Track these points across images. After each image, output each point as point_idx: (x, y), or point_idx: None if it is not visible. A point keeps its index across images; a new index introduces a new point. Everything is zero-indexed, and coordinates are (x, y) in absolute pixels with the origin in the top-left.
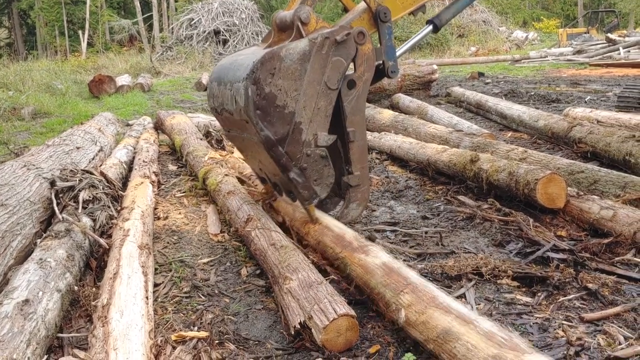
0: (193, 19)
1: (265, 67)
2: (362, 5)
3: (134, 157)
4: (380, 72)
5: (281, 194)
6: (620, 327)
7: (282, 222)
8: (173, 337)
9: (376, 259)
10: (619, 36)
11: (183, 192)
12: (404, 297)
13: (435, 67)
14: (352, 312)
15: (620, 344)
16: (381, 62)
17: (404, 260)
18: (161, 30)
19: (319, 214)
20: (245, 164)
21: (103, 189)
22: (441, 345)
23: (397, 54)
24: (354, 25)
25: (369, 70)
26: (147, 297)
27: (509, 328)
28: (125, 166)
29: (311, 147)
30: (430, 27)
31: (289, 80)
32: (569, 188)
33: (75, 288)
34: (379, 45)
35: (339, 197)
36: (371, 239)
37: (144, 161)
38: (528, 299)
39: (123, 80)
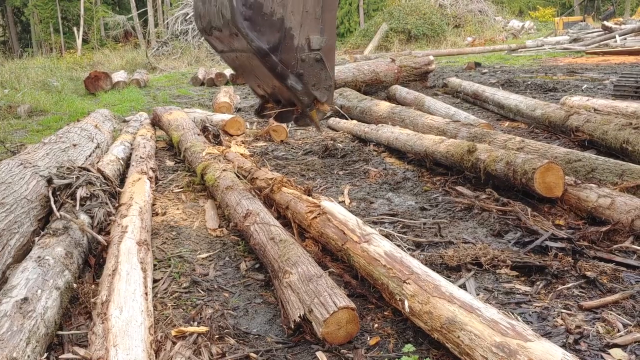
0: (188, 14)
1: None
2: None
3: (131, 154)
4: None
5: (280, 106)
6: (619, 315)
7: (284, 214)
8: (173, 333)
9: (378, 249)
10: (615, 24)
11: (181, 188)
12: (407, 287)
13: (431, 57)
14: (352, 305)
15: (619, 331)
16: None
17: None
18: (156, 25)
19: (325, 203)
20: (244, 159)
21: (100, 185)
22: (446, 335)
23: None
24: None
25: None
26: (146, 293)
27: (514, 315)
28: (122, 162)
29: (305, 52)
30: None
31: None
32: (566, 177)
33: (75, 285)
34: None
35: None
36: None
37: (141, 157)
38: (527, 288)
39: (119, 76)
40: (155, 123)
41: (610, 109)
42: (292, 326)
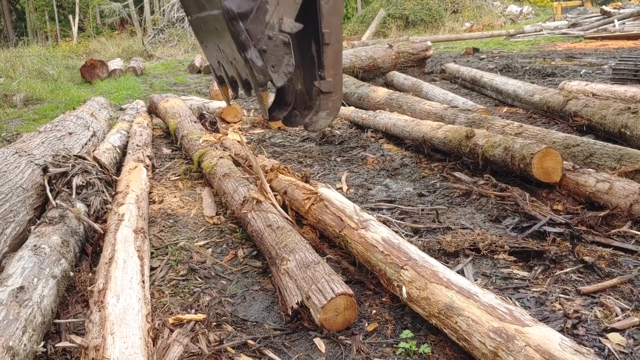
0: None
1: None
2: None
3: (127, 142)
4: None
5: (237, 92)
6: (617, 299)
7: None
8: (170, 320)
9: (376, 235)
10: (614, 8)
11: (178, 176)
12: (404, 274)
13: (429, 43)
14: (350, 291)
15: (617, 315)
16: None
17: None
18: (152, 12)
19: (322, 190)
20: (241, 146)
21: (96, 174)
22: (443, 321)
23: None
24: None
25: None
26: (143, 281)
27: (512, 300)
28: (119, 151)
29: (274, 30)
30: None
31: None
32: (564, 162)
33: (71, 274)
34: None
35: (309, 109)
36: None
37: (137, 145)
38: (525, 273)
39: (115, 64)
40: (152, 111)
41: (608, 94)
42: (290, 313)
